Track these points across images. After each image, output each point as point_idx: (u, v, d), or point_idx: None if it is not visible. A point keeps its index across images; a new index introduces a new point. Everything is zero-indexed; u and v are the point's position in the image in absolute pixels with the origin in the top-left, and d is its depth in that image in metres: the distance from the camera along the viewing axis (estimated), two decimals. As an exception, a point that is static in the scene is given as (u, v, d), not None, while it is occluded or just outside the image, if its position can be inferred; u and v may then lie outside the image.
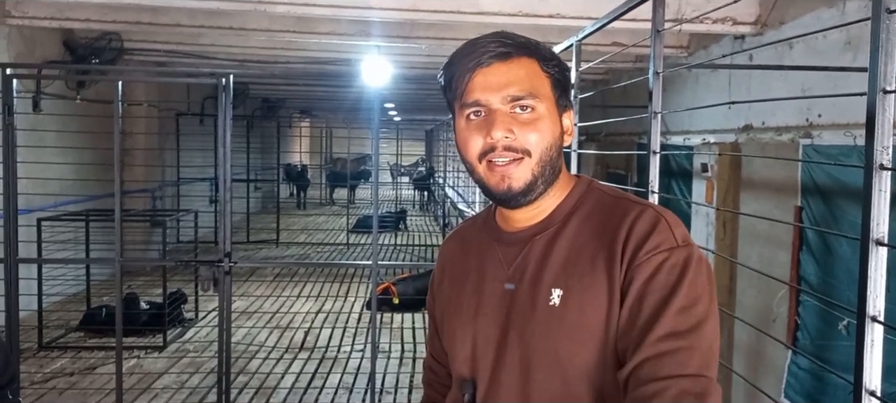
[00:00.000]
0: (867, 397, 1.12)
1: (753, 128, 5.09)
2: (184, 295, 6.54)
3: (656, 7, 2.11)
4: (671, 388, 0.91)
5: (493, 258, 1.14)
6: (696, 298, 0.97)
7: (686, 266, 0.98)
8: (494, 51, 1.06)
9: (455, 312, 1.17)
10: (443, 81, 1.13)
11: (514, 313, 1.08)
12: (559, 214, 1.11)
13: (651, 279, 0.98)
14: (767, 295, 4.69)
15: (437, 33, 6.39)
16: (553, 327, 1.03)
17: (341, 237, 12.21)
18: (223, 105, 3.69)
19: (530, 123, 1.05)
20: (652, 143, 2.12)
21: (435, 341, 1.29)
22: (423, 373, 1.37)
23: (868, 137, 1.11)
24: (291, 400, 4.85)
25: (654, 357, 0.93)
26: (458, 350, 1.15)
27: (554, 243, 1.08)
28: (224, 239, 3.88)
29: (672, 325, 0.94)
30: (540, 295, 1.06)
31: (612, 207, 1.08)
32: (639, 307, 0.97)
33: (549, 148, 1.07)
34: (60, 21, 6.05)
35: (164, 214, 7.82)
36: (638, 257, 0.99)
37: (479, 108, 1.06)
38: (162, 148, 9.62)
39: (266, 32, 6.24)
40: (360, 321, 6.91)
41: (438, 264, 1.28)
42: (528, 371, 1.05)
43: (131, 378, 4.98)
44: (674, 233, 1.01)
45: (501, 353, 1.08)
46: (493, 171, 1.06)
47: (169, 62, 8.45)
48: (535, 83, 1.07)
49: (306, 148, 19.04)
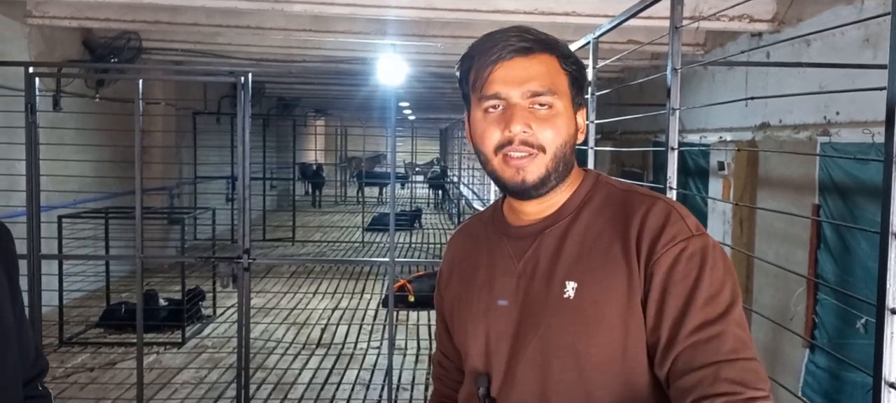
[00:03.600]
0: (887, 389, 1.13)
1: (770, 126, 5.07)
2: (202, 292, 6.60)
3: (674, 4, 2.12)
4: (708, 376, 0.92)
5: (502, 252, 1.15)
6: (719, 285, 0.98)
7: (704, 254, 1.00)
8: (515, 45, 1.06)
9: (466, 308, 1.18)
10: (459, 73, 1.13)
11: (528, 307, 1.09)
12: (569, 208, 1.12)
13: (671, 271, 0.99)
14: (785, 293, 4.67)
15: (453, 31, 6.41)
16: (568, 320, 1.05)
17: (356, 236, 12.27)
18: (242, 103, 3.73)
19: (548, 119, 1.06)
20: (670, 140, 2.13)
21: (444, 337, 1.30)
22: (433, 369, 1.38)
23: (888, 131, 1.12)
24: (309, 396, 4.90)
25: (689, 348, 0.95)
26: (470, 344, 1.16)
27: (566, 236, 1.09)
28: (243, 236, 3.92)
29: (702, 316, 0.96)
30: (554, 289, 1.07)
31: (622, 200, 1.09)
32: (664, 301, 0.99)
33: (563, 144, 1.08)
34: (80, 20, 6.12)
35: (181, 212, 7.88)
36: (656, 251, 1.01)
37: (497, 102, 1.07)
38: (179, 146, 9.70)
39: (283, 31, 6.28)
40: (376, 318, 6.95)
41: (446, 261, 1.29)
42: (544, 364, 1.06)
43: (151, 373, 5.04)
44: (686, 223, 1.03)
45: (516, 347, 1.09)
46: (509, 164, 1.07)
47: (186, 61, 8.52)
48: (554, 80, 1.08)
49: (321, 146, 19.10)
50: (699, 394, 0.92)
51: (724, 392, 0.91)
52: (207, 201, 9.34)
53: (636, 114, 3.87)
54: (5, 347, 1.16)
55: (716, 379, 0.92)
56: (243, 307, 3.88)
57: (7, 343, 1.17)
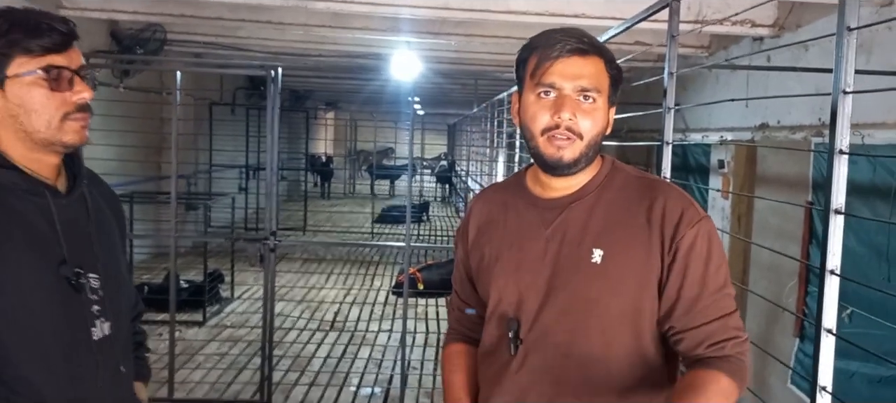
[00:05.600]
0: (825, 334, 1.43)
1: (769, 126, 5.31)
2: (221, 274, 6.88)
3: (672, 14, 2.37)
4: (719, 327, 1.28)
5: (530, 219, 1.38)
6: (721, 258, 1.31)
7: (711, 234, 1.31)
8: (574, 46, 1.29)
9: (496, 263, 1.41)
10: (518, 58, 1.36)
11: (558, 266, 1.33)
12: (591, 186, 1.36)
13: (692, 248, 1.28)
14: (778, 286, 4.92)
15: (466, 30, 6.65)
16: (595, 280, 1.31)
17: (366, 227, 12.56)
18: (271, 96, 3.99)
19: (590, 112, 1.30)
20: (665, 135, 2.40)
21: (465, 284, 1.53)
22: (450, 313, 1.62)
23: (831, 129, 1.39)
24: (325, 370, 5.20)
25: (706, 308, 1.28)
26: (501, 295, 1.39)
27: (593, 210, 1.34)
28: (269, 219, 4.19)
29: (715, 283, 1.28)
30: (583, 253, 1.32)
31: (640, 184, 1.36)
32: (685, 272, 1.28)
33: (597, 135, 1.32)
34: (109, 12, 6.36)
35: (200, 198, 8.16)
36: (679, 231, 1.28)
37: (551, 90, 1.29)
38: (196, 134, 9.97)
39: (303, 27, 6.54)
40: (385, 305, 7.23)
41: (471, 222, 1.50)
42: (570, 313, 1.32)
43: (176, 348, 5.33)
44: (697, 208, 1.32)
45: (546, 299, 1.33)
46: (552, 143, 1.30)
47: (205, 53, 8.79)
48: (599, 80, 1.31)
49: (331, 138, 19.38)
50: (717, 338, 1.27)
51: (732, 337, 1.28)
52: (220, 189, 9.63)
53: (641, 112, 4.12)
54: (122, 284, 1.44)
55: (725, 328, 1.28)
56: (269, 284, 4.15)
57: (124, 280, 1.45)
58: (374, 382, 5.06)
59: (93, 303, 1.34)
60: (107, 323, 1.36)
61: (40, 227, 1.27)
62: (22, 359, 1.24)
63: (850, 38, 1.33)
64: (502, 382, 1.37)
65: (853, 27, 1.33)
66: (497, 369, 1.39)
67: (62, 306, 1.29)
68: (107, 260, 1.39)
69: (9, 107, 1.23)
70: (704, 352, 1.27)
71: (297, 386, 4.88)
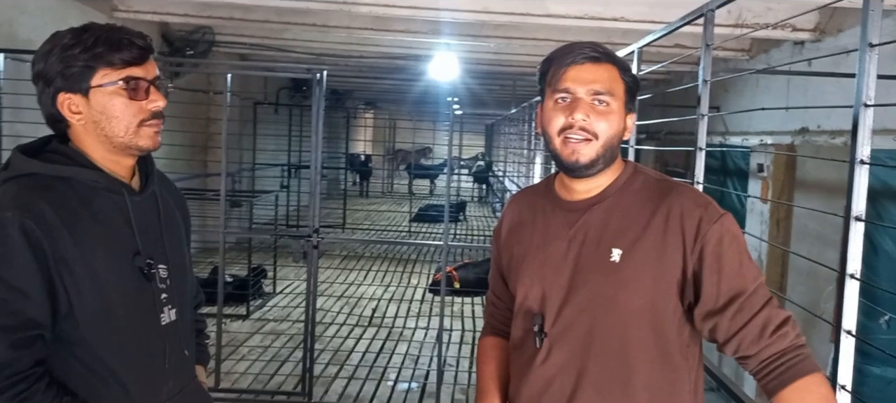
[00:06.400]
0: (845, 335, 1.48)
1: (809, 131, 5.29)
2: (264, 270, 7.08)
3: (707, 23, 2.44)
4: (772, 314, 1.33)
5: (555, 220, 1.48)
6: (746, 246, 1.37)
7: (734, 228, 1.37)
8: (588, 54, 1.39)
9: (523, 262, 1.50)
10: (539, 71, 1.46)
11: (578, 265, 1.42)
12: (612, 189, 1.44)
13: (720, 244, 1.34)
14: (815, 291, 4.91)
15: (506, 33, 6.73)
16: (612, 278, 1.38)
17: (403, 225, 12.72)
18: (317, 97, 4.13)
19: (603, 114, 1.38)
20: (698, 142, 2.46)
21: (498, 282, 1.64)
22: (486, 308, 1.73)
23: (853, 140, 1.45)
24: (364, 364, 5.35)
25: (749, 297, 1.32)
26: (527, 291, 1.48)
27: (611, 212, 1.42)
28: (312, 216, 4.34)
29: (751, 273, 1.34)
30: (602, 253, 1.40)
31: (659, 186, 1.43)
32: (719, 267, 1.33)
33: (612, 137, 1.40)
34: (161, 15, 6.61)
35: (244, 195, 8.39)
36: (701, 228, 1.34)
37: (566, 95, 1.39)
38: (241, 133, 10.23)
39: (346, 30, 6.70)
40: (422, 302, 7.36)
41: (505, 223, 1.61)
42: (590, 310, 1.40)
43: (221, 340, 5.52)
44: (715, 206, 1.39)
45: (568, 295, 1.42)
46: (567, 145, 1.38)
47: (252, 55, 9.04)
48: (613, 85, 1.39)
49: (369, 138, 19.61)
50: (776, 323, 1.31)
51: (787, 318, 1.33)
52: (263, 187, 9.87)
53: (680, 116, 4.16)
54: (186, 274, 1.58)
55: (776, 313, 1.33)
56: (312, 279, 4.30)
57: (188, 272, 1.59)
58: (410, 378, 5.18)
59: (161, 292, 1.47)
60: (173, 310, 1.50)
61: (118, 222, 1.40)
62: (100, 341, 1.37)
63: (871, 54, 1.39)
64: (528, 374, 1.46)
65: (875, 43, 1.39)
66: (524, 361, 1.48)
67: (135, 293, 1.42)
68: (173, 252, 1.53)
69: (92, 113, 1.37)
70: (772, 343, 1.31)
71: (337, 380, 5.02)
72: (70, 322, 1.34)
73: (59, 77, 1.34)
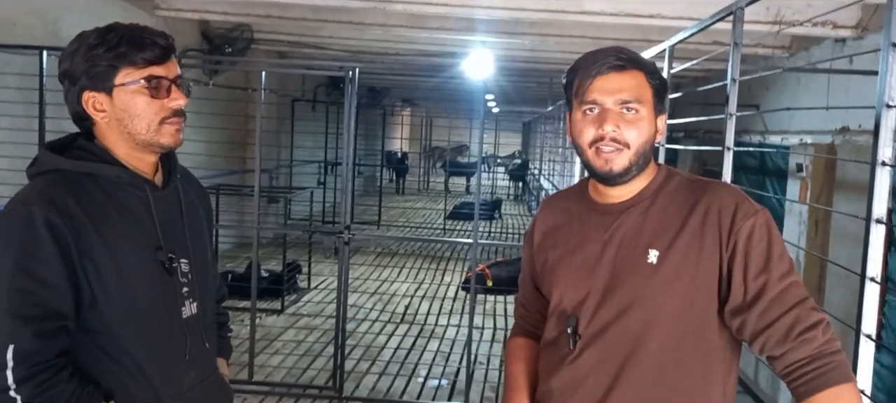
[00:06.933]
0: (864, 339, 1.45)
1: (850, 130, 5.16)
2: (299, 265, 7.17)
3: (735, 23, 2.40)
4: (802, 313, 1.29)
5: (591, 224, 1.47)
6: (782, 244, 1.35)
7: (770, 225, 1.35)
8: (612, 63, 1.38)
9: (558, 265, 1.50)
10: (565, 81, 1.45)
11: (616, 268, 1.41)
12: (646, 193, 1.44)
13: (750, 238, 1.32)
14: (855, 294, 4.78)
15: (540, 30, 6.70)
16: (650, 280, 1.38)
17: (438, 222, 12.76)
18: (349, 95, 4.17)
19: (633, 123, 1.37)
20: (726, 141, 2.43)
21: (529, 286, 1.63)
22: (516, 310, 1.73)
23: (874, 141, 1.42)
24: (395, 360, 5.39)
25: (778, 295, 1.30)
26: (562, 294, 1.47)
27: (647, 214, 1.42)
28: (343, 213, 4.39)
29: (781, 269, 1.31)
30: (638, 255, 1.39)
31: (692, 186, 1.42)
32: (746, 262, 1.32)
33: (644, 143, 1.39)
34: (201, 13, 6.73)
35: (280, 191, 8.51)
36: (735, 223, 1.33)
37: (594, 106, 1.38)
38: (279, 130, 10.37)
39: (381, 27, 6.75)
40: (455, 300, 7.38)
41: (538, 228, 1.60)
42: (627, 312, 1.39)
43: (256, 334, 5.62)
44: (751, 202, 1.37)
45: (604, 298, 1.41)
46: (599, 156, 1.38)
47: (289, 52, 9.15)
48: (640, 92, 1.38)
49: (406, 135, 19.71)
50: (803, 325, 1.28)
51: (818, 321, 1.28)
52: (300, 183, 9.99)
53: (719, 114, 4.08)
54: (208, 269, 1.62)
55: (808, 313, 1.29)
56: (343, 274, 4.35)
57: (210, 266, 1.63)
58: (441, 374, 5.21)
59: (183, 286, 1.51)
60: (194, 303, 1.54)
61: (140, 216, 1.45)
62: (123, 333, 1.42)
63: (894, 54, 1.36)
64: (560, 371, 1.46)
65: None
66: (556, 361, 1.48)
67: (157, 286, 1.46)
68: (195, 247, 1.57)
69: (115, 111, 1.41)
70: (797, 348, 1.28)
71: (368, 375, 5.07)
72: (93, 313, 1.38)
73: (84, 76, 1.38)
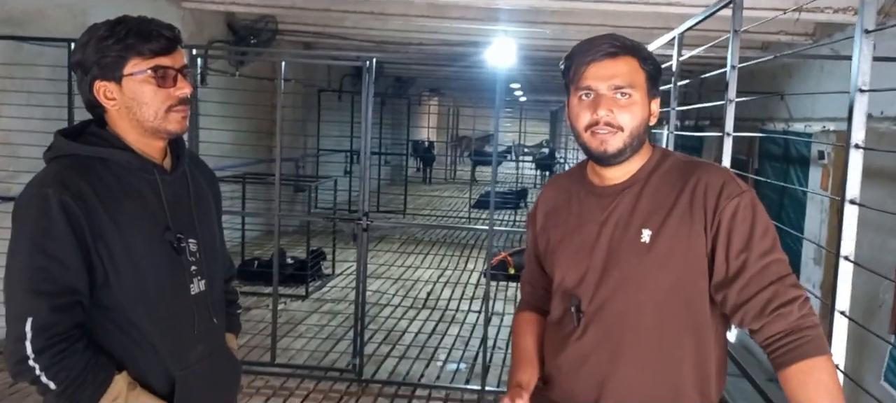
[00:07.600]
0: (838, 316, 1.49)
1: (872, 117, 5.10)
2: (323, 252, 7.31)
3: (734, 11, 2.43)
4: (780, 288, 1.35)
5: (588, 205, 1.55)
6: (767, 224, 1.40)
7: (754, 204, 1.41)
8: (605, 50, 1.45)
9: (559, 246, 1.58)
10: (563, 68, 1.53)
11: (611, 247, 1.49)
12: (641, 174, 1.51)
13: (733, 218, 1.39)
14: (875, 281, 4.75)
15: (561, 19, 6.71)
16: (644, 258, 1.45)
17: (464, 211, 12.85)
18: (366, 84, 4.25)
19: (626, 107, 1.45)
20: (726, 127, 2.46)
21: (533, 265, 1.71)
22: (522, 287, 1.81)
23: (848, 124, 1.46)
24: (415, 345, 5.51)
25: (758, 272, 1.37)
26: (564, 273, 1.56)
27: (641, 195, 1.49)
28: (363, 200, 4.48)
29: (762, 247, 1.38)
30: (632, 234, 1.47)
31: (685, 167, 1.49)
32: (729, 240, 1.39)
33: (638, 126, 1.46)
34: (227, 5, 6.86)
35: (306, 180, 8.65)
36: (719, 203, 1.40)
37: (589, 91, 1.46)
38: (305, 120, 10.52)
39: (403, 17, 6.83)
40: (477, 286, 7.46)
41: (540, 208, 1.68)
42: (624, 288, 1.47)
43: (280, 318, 5.76)
44: (738, 182, 1.43)
45: (602, 277, 1.49)
46: (595, 137, 1.46)
47: (313, 43, 9.28)
48: (633, 77, 1.46)
49: (433, 125, 19.79)
50: (780, 301, 1.35)
51: (795, 297, 1.35)
52: (327, 172, 10.14)
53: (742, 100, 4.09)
54: (216, 249, 1.71)
55: (785, 289, 1.36)
56: (362, 259, 4.45)
57: (218, 246, 1.73)
58: (459, 358, 5.29)
59: (191, 264, 1.61)
60: (202, 281, 1.64)
61: (150, 199, 1.54)
62: (134, 308, 1.52)
63: (866, 40, 1.40)
64: (566, 348, 1.54)
65: (870, 30, 1.39)
66: (561, 338, 1.56)
67: (166, 265, 1.56)
68: (203, 228, 1.66)
69: (124, 100, 1.51)
70: (773, 321, 1.34)
71: (389, 359, 5.17)
72: (106, 291, 1.48)
73: (95, 66, 1.48)
